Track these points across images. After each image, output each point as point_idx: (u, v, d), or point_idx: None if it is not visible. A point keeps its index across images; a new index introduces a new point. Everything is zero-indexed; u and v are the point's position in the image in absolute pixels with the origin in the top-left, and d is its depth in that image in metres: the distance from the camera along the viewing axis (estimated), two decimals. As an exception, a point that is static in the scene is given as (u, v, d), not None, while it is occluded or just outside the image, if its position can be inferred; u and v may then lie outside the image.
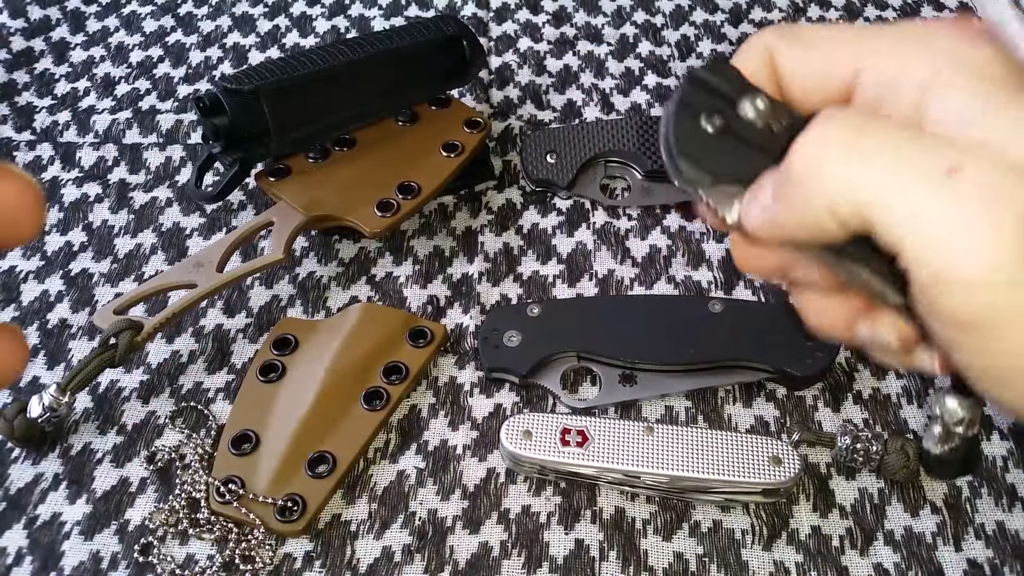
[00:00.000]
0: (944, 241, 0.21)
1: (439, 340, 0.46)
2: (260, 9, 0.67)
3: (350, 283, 0.50)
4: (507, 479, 0.42)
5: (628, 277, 0.50)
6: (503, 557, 0.39)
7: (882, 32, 0.26)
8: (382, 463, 0.42)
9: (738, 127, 0.26)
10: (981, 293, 0.21)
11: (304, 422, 0.42)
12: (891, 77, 0.25)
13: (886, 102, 0.25)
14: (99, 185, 0.54)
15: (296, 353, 0.45)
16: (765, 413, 0.44)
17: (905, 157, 0.22)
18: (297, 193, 0.48)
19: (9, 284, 0.49)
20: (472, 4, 0.67)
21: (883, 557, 0.39)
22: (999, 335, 0.21)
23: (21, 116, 0.58)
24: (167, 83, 0.61)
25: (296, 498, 0.40)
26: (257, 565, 0.39)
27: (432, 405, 0.45)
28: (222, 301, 0.49)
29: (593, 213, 0.53)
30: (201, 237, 0.52)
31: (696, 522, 0.40)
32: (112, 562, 0.39)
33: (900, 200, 0.22)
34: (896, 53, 0.25)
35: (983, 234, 0.21)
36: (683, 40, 0.64)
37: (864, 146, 0.23)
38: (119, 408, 0.44)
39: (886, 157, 0.22)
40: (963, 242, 0.21)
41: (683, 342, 0.44)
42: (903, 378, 0.45)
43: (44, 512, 0.41)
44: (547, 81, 0.61)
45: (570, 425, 0.40)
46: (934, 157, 0.22)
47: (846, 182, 0.23)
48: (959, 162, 0.21)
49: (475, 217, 0.53)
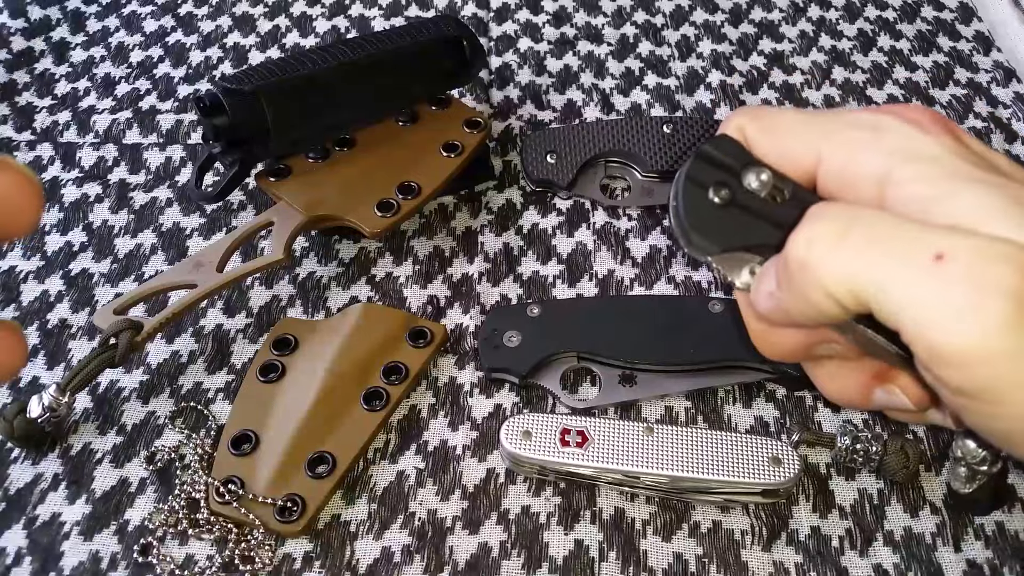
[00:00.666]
0: (938, 322, 0.22)
1: (439, 340, 0.46)
2: (260, 9, 0.67)
3: (350, 283, 0.50)
4: (507, 479, 0.42)
5: (628, 277, 0.50)
6: (503, 557, 0.39)
7: (837, 125, 0.28)
8: (382, 463, 0.42)
9: (743, 198, 0.28)
10: (979, 367, 0.22)
11: (304, 422, 0.42)
12: (849, 173, 0.27)
13: (847, 193, 0.27)
14: (99, 185, 0.54)
15: (296, 353, 0.45)
16: (765, 413, 0.44)
17: (893, 248, 0.23)
18: (297, 193, 0.48)
19: (9, 284, 0.49)
20: (472, 4, 0.67)
21: (883, 558, 0.39)
22: (1002, 402, 0.23)
23: (21, 116, 0.58)
24: (167, 83, 0.61)
25: (296, 498, 0.40)
26: (257, 565, 0.39)
27: (432, 405, 0.45)
28: (222, 301, 0.49)
29: (593, 213, 0.53)
30: (201, 237, 0.52)
31: (696, 523, 0.40)
32: (112, 562, 0.39)
33: (893, 287, 0.23)
34: (849, 149, 0.27)
35: (974, 313, 0.22)
36: (683, 40, 0.64)
37: (854, 239, 0.24)
38: (119, 408, 0.44)
39: (876, 248, 0.24)
40: (955, 322, 0.22)
41: (683, 342, 0.44)
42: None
43: (44, 512, 0.41)
44: (547, 81, 0.61)
45: (570, 425, 0.40)
46: (921, 246, 0.23)
47: (840, 273, 0.24)
48: (943, 249, 0.22)
49: (475, 217, 0.53)
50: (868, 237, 0.24)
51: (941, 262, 0.22)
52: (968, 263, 0.22)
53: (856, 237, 0.24)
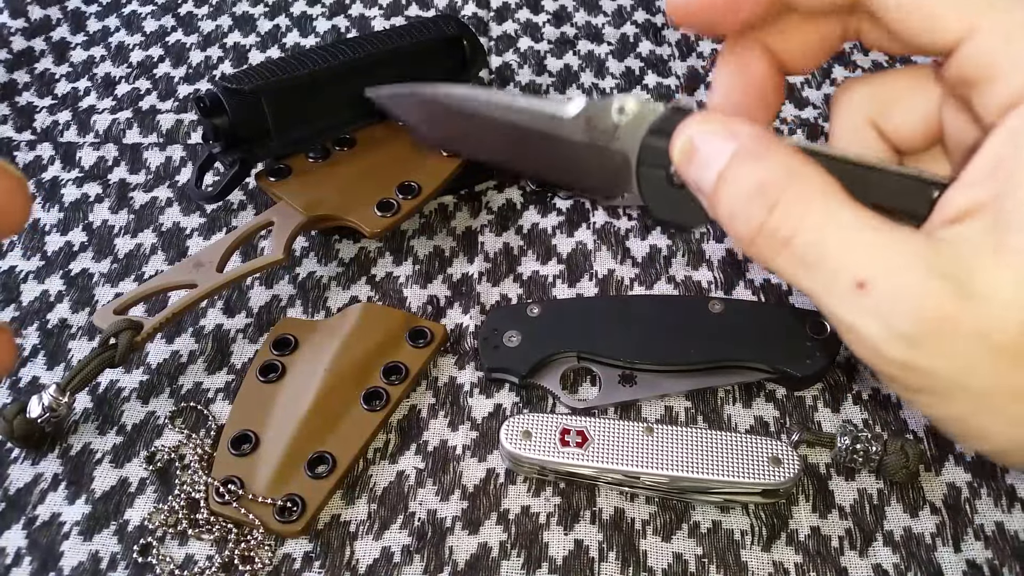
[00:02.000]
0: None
1: (439, 340, 0.46)
2: (260, 9, 0.67)
3: (350, 283, 0.50)
4: (507, 479, 0.42)
5: (628, 277, 0.50)
6: (502, 558, 0.39)
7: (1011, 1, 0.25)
8: (382, 463, 0.42)
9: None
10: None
11: (304, 422, 0.42)
12: (1007, 59, 0.24)
13: (984, 86, 0.24)
14: (99, 185, 0.54)
15: (296, 353, 0.45)
16: (765, 413, 0.44)
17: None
18: (297, 193, 0.48)
19: (9, 284, 0.49)
20: (472, 4, 0.67)
21: (882, 558, 0.39)
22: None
23: (21, 116, 0.58)
24: (167, 83, 0.61)
25: (295, 498, 0.40)
26: (256, 565, 0.39)
27: (432, 405, 0.45)
28: (222, 301, 0.49)
29: (593, 213, 0.53)
30: (201, 237, 0.52)
31: (695, 523, 0.40)
32: (111, 562, 0.39)
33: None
34: (1016, 30, 0.24)
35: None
36: (684, 40, 0.64)
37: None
38: (119, 408, 0.44)
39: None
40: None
41: (683, 342, 0.44)
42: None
43: (43, 512, 0.41)
44: (547, 81, 0.61)
45: (570, 425, 0.40)
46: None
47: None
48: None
49: (475, 217, 0.53)
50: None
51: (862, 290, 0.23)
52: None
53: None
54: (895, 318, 0.22)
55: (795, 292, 0.49)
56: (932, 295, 0.22)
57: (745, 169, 0.25)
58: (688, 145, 0.26)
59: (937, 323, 0.22)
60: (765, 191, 0.24)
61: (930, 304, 0.22)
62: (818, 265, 0.23)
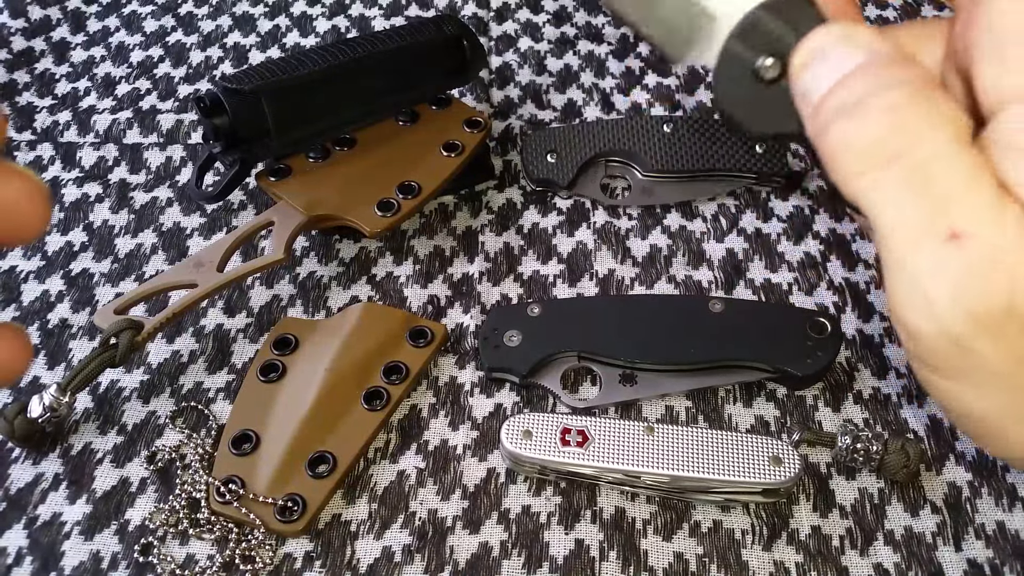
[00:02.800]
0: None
1: (439, 340, 0.46)
2: (260, 9, 0.67)
3: (350, 283, 0.50)
4: (507, 479, 0.42)
5: (628, 277, 0.50)
6: (503, 557, 0.39)
7: None
8: (382, 463, 0.42)
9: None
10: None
11: (304, 422, 0.42)
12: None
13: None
14: (99, 185, 0.54)
15: (296, 353, 0.45)
16: (765, 413, 0.44)
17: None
18: (297, 193, 0.48)
19: (9, 284, 0.49)
20: (472, 4, 0.67)
21: (883, 557, 0.39)
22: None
23: (21, 116, 0.58)
24: (167, 83, 0.61)
25: (296, 498, 0.40)
26: (257, 565, 0.39)
27: (432, 405, 0.45)
28: (222, 301, 0.49)
29: (593, 213, 0.53)
30: (201, 237, 0.52)
31: (696, 522, 0.40)
32: (112, 562, 0.39)
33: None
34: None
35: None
36: (683, 40, 0.64)
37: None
38: (119, 408, 0.44)
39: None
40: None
41: (683, 342, 0.44)
42: (903, 378, 0.45)
43: (44, 512, 0.41)
44: (547, 81, 0.61)
45: (570, 425, 0.40)
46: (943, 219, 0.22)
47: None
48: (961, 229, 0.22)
49: (475, 217, 0.53)
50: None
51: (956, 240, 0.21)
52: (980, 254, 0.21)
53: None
54: (975, 286, 0.20)
55: (795, 292, 0.49)
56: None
57: (885, 73, 0.23)
58: (820, 51, 0.24)
59: (1018, 308, 0.20)
60: (894, 102, 0.22)
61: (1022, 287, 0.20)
62: (920, 194, 0.21)
